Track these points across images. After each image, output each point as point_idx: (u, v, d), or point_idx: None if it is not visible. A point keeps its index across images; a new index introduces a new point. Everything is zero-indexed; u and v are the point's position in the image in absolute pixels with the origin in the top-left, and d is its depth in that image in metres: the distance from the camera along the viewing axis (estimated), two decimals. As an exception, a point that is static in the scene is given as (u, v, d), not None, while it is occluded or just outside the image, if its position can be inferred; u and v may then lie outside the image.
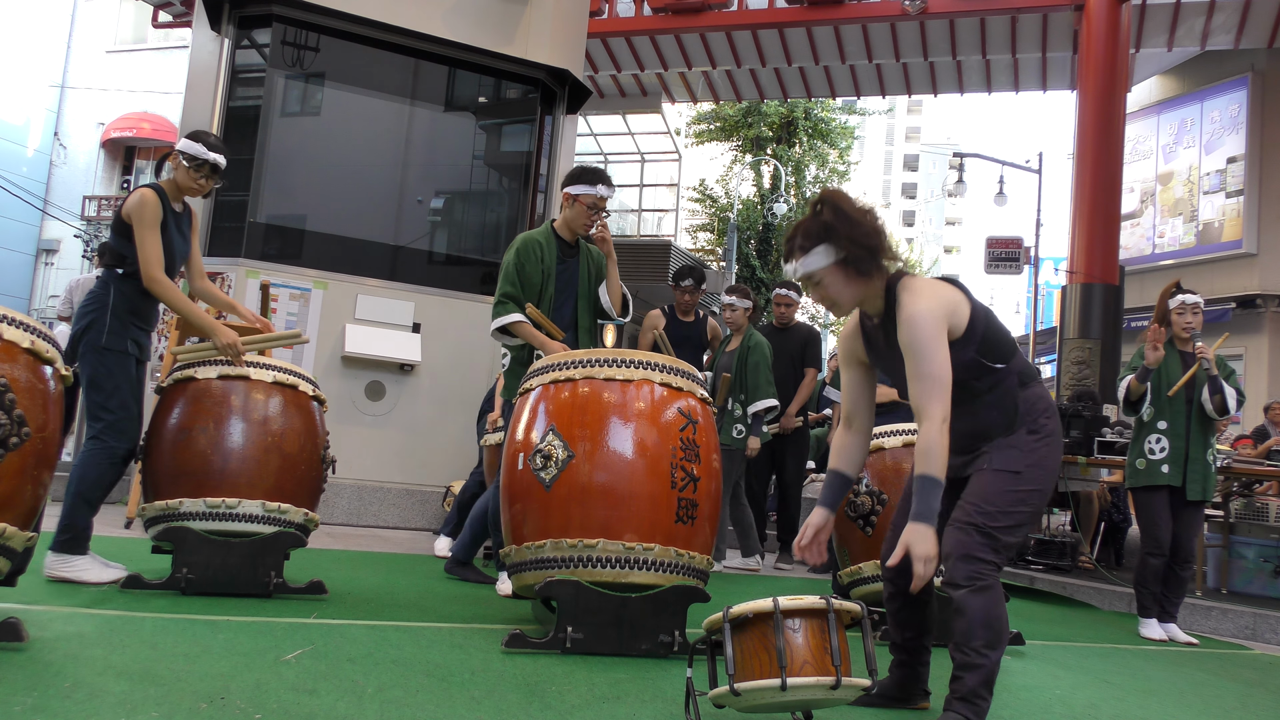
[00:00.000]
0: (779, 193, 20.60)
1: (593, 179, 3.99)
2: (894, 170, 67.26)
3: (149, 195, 3.49)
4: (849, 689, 2.06)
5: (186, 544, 3.26)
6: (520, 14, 7.16)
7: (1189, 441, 4.56)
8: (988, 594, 2.31)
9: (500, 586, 4.02)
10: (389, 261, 6.73)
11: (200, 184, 3.63)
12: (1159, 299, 4.73)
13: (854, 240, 2.36)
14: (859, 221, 2.37)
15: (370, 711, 2.15)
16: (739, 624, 2.11)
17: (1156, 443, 4.58)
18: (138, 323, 3.56)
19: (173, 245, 3.59)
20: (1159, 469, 4.56)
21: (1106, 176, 10.29)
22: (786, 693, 2.01)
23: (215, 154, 3.62)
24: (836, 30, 12.34)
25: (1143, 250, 15.53)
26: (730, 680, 2.05)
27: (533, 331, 3.85)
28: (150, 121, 21.80)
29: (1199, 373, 4.57)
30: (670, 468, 2.94)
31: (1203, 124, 14.77)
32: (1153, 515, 4.56)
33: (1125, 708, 3.07)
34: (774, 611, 2.05)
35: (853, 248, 2.36)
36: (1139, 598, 4.70)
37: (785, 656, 2.01)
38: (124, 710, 2.00)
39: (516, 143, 7.45)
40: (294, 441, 3.42)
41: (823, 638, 2.06)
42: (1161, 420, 4.60)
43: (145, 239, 3.44)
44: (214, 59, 6.56)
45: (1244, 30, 11.61)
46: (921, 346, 2.28)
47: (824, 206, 2.41)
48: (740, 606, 2.10)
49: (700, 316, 6.11)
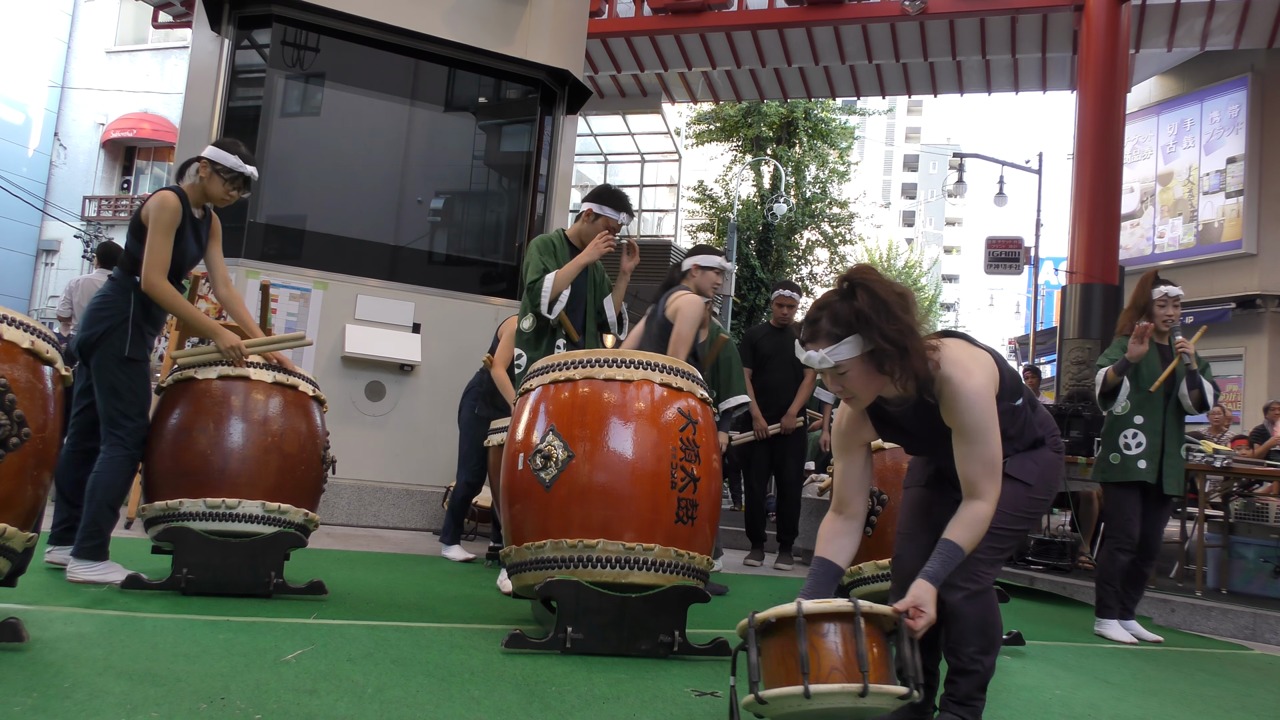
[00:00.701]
0: (779, 193, 20.59)
1: (619, 205, 4.24)
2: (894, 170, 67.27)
3: (171, 199, 3.47)
4: (879, 696, 1.96)
5: (186, 544, 3.26)
6: (520, 14, 7.16)
7: (1164, 437, 4.48)
8: (982, 599, 2.28)
9: (502, 582, 4.03)
10: (389, 262, 6.73)
11: (232, 195, 3.62)
12: (1137, 289, 4.60)
13: (886, 336, 2.10)
14: (895, 315, 2.12)
15: (370, 712, 2.16)
16: (767, 629, 2.04)
17: (1133, 438, 4.48)
18: (152, 329, 3.58)
19: (186, 251, 3.58)
20: (1135, 465, 4.46)
21: (1106, 177, 10.29)
22: (811, 700, 1.92)
23: (250, 167, 3.63)
24: (836, 30, 12.35)
25: (1142, 250, 15.53)
26: (754, 688, 2.00)
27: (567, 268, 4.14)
28: (150, 122, 21.81)
29: (1179, 367, 4.50)
30: (670, 468, 2.94)
31: (1202, 124, 14.77)
32: (1125, 511, 4.46)
33: (1125, 708, 3.07)
34: (797, 616, 1.97)
35: (884, 343, 2.10)
36: (1101, 595, 4.56)
37: (809, 663, 1.93)
38: (124, 710, 2.01)
39: (516, 143, 7.45)
40: (294, 442, 3.42)
41: (856, 642, 1.97)
42: (1138, 415, 4.50)
43: (155, 241, 3.43)
44: (214, 59, 6.57)
45: (1243, 31, 11.61)
46: (980, 429, 2.14)
47: (859, 290, 2.14)
48: (766, 612, 2.03)
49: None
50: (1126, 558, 4.47)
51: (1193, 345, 4.57)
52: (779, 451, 6.19)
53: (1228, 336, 13.24)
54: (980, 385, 2.16)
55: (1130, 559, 4.47)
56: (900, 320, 2.12)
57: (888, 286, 2.17)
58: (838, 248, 23.18)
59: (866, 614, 2.00)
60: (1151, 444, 4.46)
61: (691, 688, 2.64)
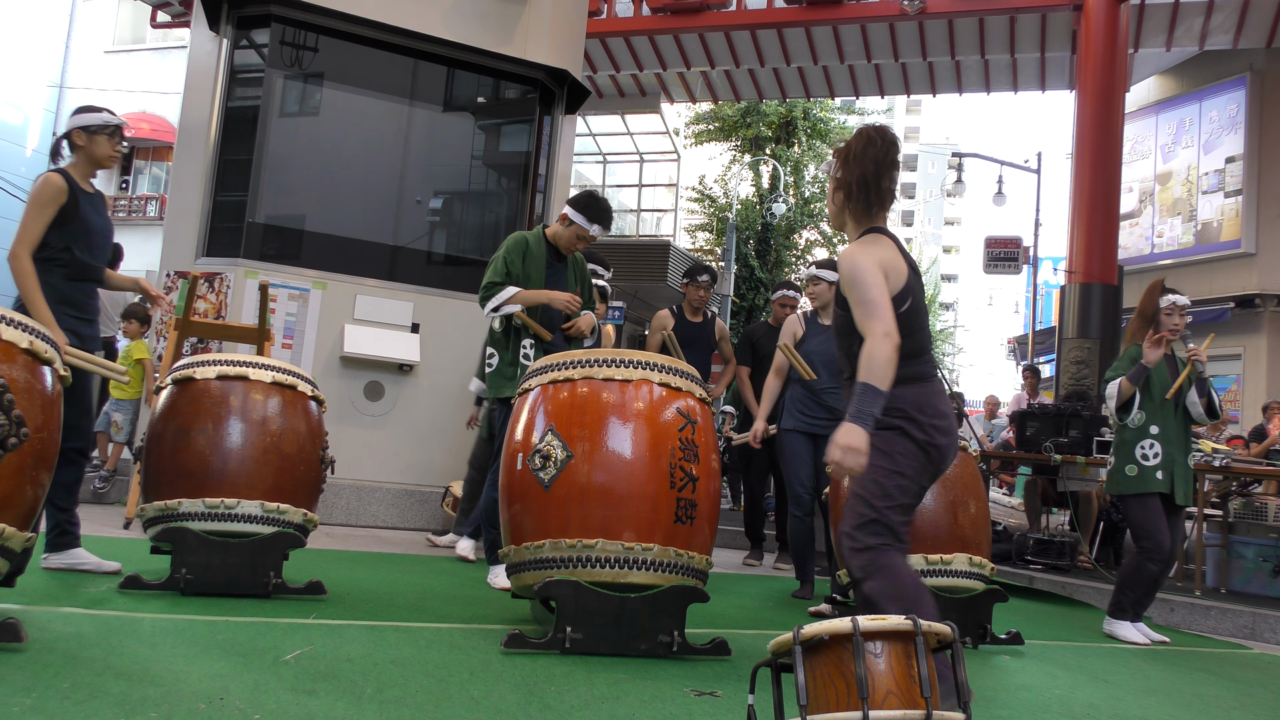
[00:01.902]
0: (778, 193, 20.59)
1: (593, 216, 4.20)
2: (893, 170, 67.14)
3: (53, 178, 3.45)
4: None
5: (185, 544, 3.26)
6: (519, 14, 7.16)
7: (1176, 446, 4.46)
8: (882, 574, 2.35)
9: (492, 579, 4.03)
10: (388, 262, 6.72)
11: (119, 149, 3.59)
12: (1145, 298, 4.59)
13: (859, 169, 2.54)
14: (870, 157, 2.54)
15: (369, 712, 2.15)
16: (811, 647, 1.85)
17: (1150, 448, 4.44)
18: (71, 312, 3.50)
19: (91, 224, 3.53)
20: (1153, 476, 4.41)
21: (1105, 176, 10.29)
22: None
23: (114, 115, 3.60)
24: (835, 30, 12.34)
25: (1141, 250, 15.54)
26: (802, 712, 1.80)
27: (530, 294, 4.11)
28: (149, 122, 21.78)
29: (1190, 374, 4.49)
30: (669, 468, 2.94)
31: (1201, 124, 14.78)
32: (1154, 521, 4.40)
33: (1124, 707, 3.07)
34: (854, 634, 1.78)
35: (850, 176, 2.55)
36: (1119, 598, 4.55)
37: (866, 686, 1.77)
38: (123, 711, 2.00)
39: (515, 143, 7.45)
40: (293, 442, 3.43)
41: (908, 664, 1.81)
42: (1153, 425, 4.46)
43: (28, 218, 3.39)
44: (213, 59, 6.57)
45: (1242, 30, 11.61)
46: (859, 276, 2.43)
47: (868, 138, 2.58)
48: (813, 627, 1.83)
49: (709, 317, 6.06)
50: (1156, 569, 4.42)
51: (1204, 352, 4.54)
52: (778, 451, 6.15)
53: (1226, 336, 13.23)
54: (861, 258, 2.46)
55: (1160, 569, 4.43)
56: (870, 164, 2.54)
57: (883, 146, 2.56)
58: (836, 248, 23.17)
59: (926, 632, 1.85)
60: (1167, 454, 4.43)
61: (691, 688, 2.64)
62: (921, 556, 3.69)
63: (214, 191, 6.48)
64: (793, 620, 4.09)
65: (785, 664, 1.90)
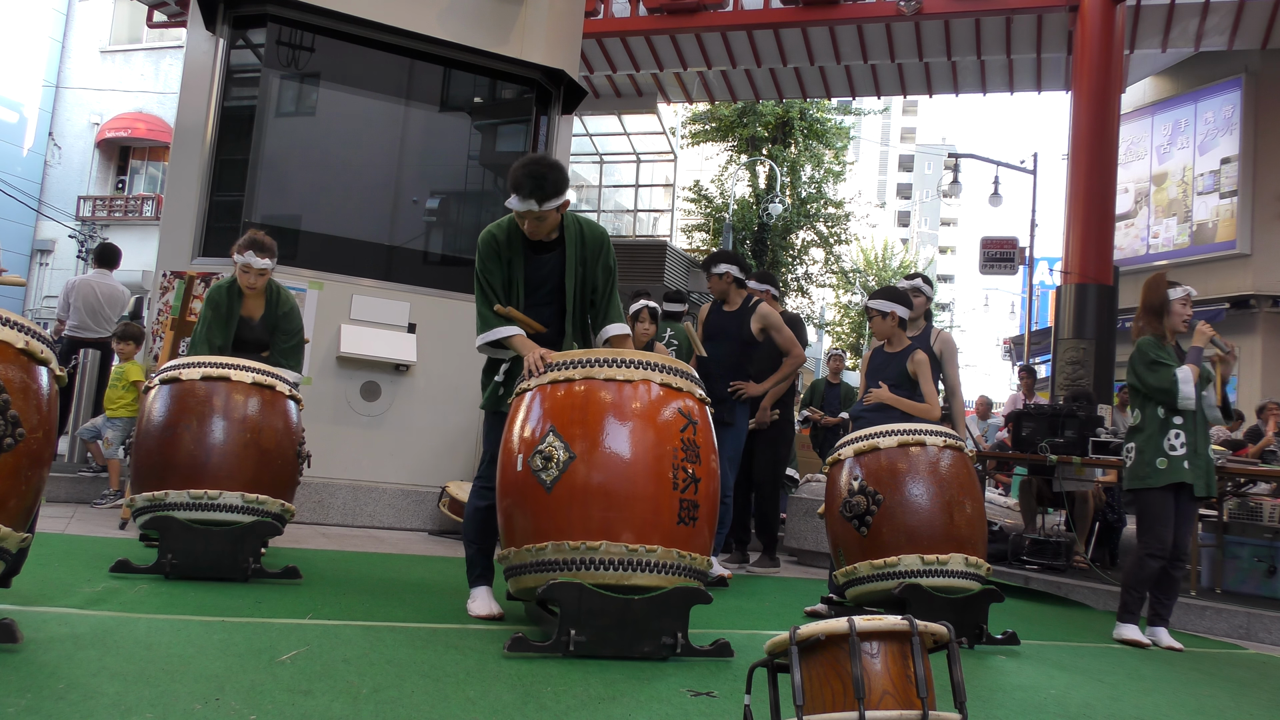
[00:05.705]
0: (774, 193, 20.61)
1: (512, 188, 3.33)
2: (889, 171, 67.34)
3: None
4: None
5: (171, 532, 3.54)
6: (515, 14, 7.15)
7: (1199, 436, 4.48)
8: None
9: (472, 606, 3.49)
10: (384, 262, 6.72)
11: None
12: (1150, 291, 4.61)
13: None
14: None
15: (365, 712, 2.15)
16: (807, 647, 1.85)
17: (1177, 438, 4.43)
18: None
19: None
20: (1181, 466, 4.41)
21: (1101, 177, 10.31)
22: None
23: None
24: (832, 31, 12.36)
25: (1137, 251, 15.58)
26: (799, 712, 1.80)
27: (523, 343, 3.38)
28: (145, 121, 21.77)
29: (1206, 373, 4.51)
30: (671, 469, 2.93)
31: (1197, 125, 14.82)
32: (1162, 514, 4.42)
33: (1120, 707, 3.08)
34: (850, 634, 1.79)
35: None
36: (1126, 600, 4.55)
37: (863, 686, 1.77)
38: (118, 711, 2.00)
39: (512, 143, 7.44)
40: (271, 438, 3.72)
41: (904, 664, 1.81)
42: (1177, 416, 4.47)
43: None
44: (209, 59, 6.55)
45: (1237, 31, 11.65)
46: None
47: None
48: (809, 627, 1.84)
49: (747, 306, 5.49)
50: (1158, 564, 4.43)
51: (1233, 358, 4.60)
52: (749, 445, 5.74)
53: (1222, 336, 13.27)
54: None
55: (1161, 565, 4.44)
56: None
57: None
58: (833, 248, 23.22)
59: (923, 632, 1.85)
60: (1191, 444, 4.45)
61: (687, 688, 2.64)
62: (917, 556, 3.69)
63: (210, 191, 6.47)
64: (789, 620, 4.09)
65: (782, 664, 1.90)
